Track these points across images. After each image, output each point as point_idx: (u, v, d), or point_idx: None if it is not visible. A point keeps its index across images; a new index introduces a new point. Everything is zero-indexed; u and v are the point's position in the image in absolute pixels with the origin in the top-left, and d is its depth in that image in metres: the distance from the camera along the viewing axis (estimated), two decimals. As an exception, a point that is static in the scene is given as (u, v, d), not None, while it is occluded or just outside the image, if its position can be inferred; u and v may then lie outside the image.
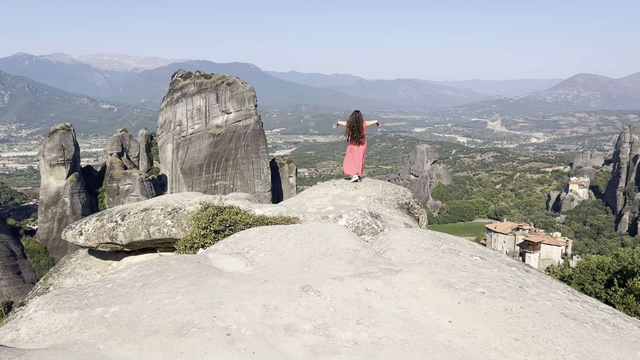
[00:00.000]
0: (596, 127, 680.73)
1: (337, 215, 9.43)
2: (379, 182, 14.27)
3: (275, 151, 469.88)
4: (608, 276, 32.84)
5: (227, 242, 8.00)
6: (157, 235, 10.61)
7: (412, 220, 11.72)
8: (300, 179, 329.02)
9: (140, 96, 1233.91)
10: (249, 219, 9.35)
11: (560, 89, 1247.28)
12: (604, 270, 33.80)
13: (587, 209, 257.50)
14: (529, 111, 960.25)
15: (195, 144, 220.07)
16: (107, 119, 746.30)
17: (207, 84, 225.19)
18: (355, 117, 15.65)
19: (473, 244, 7.28)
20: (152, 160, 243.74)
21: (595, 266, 34.57)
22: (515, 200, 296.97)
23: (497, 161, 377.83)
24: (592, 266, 34.70)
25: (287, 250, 7.09)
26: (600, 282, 32.49)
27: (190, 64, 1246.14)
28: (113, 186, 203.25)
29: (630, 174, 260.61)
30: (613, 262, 34.06)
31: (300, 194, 14.30)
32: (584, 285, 33.27)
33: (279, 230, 8.01)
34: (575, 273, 35.33)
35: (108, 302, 5.23)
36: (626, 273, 30.69)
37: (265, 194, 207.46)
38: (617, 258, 34.64)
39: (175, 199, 11.22)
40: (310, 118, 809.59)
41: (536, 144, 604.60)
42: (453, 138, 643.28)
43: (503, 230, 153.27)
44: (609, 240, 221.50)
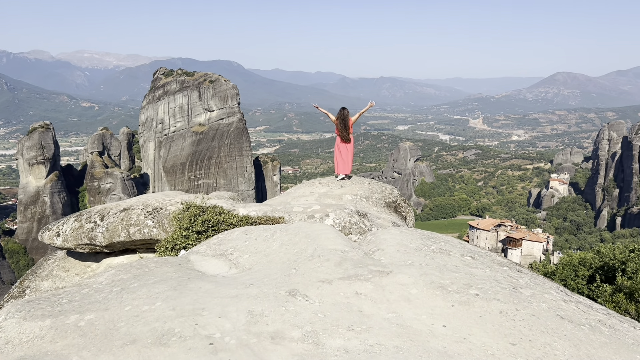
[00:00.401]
0: (576, 124, 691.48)
1: (323, 214, 9.23)
2: (366, 181, 14.06)
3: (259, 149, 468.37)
4: (590, 272, 33.20)
5: (210, 243, 7.73)
6: (137, 236, 10.29)
7: (399, 219, 11.56)
8: (284, 177, 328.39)
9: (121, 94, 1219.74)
10: (232, 219, 9.07)
11: (540, 87, 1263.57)
12: (586, 266, 34.18)
13: (567, 205, 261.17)
14: (510, 109, 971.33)
15: (177, 142, 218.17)
16: (88, 117, 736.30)
17: (189, 82, 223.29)
18: (342, 115, 15.39)
19: (463, 243, 7.12)
20: (134, 158, 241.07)
21: (578, 262, 34.95)
22: (497, 197, 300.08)
23: (479, 158, 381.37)
24: (575, 262, 35.07)
25: (273, 252, 6.85)
26: (582, 278, 32.84)
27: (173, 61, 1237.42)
28: (94, 185, 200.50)
29: (609, 171, 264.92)
30: (595, 258, 34.47)
31: (285, 192, 14.03)
32: (567, 281, 33.59)
33: (264, 230, 7.76)
34: (558, 269, 35.69)
35: (83, 308, 4.93)
36: (607, 269, 31.08)
37: (248, 192, 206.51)
38: (598, 254, 35.08)
39: (156, 199, 10.89)
40: (294, 116, 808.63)
41: (517, 142, 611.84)
42: (435, 136, 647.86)
43: (485, 227, 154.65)
44: (588, 236, 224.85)
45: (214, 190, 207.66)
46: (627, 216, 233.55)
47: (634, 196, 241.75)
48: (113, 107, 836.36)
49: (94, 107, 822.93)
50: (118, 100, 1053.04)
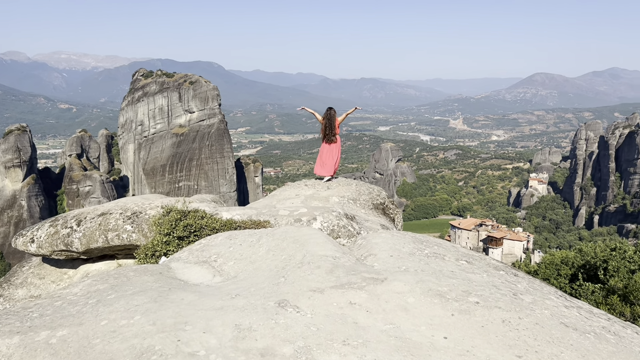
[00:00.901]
0: (554, 124, 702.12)
1: (310, 217, 8.93)
2: (353, 182, 13.79)
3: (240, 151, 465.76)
4: (572, 270, 33.48)
5: (192, 249, 7.35)
6: (116, 242, 9.87)
7: (387, 221, 11.31)
8: (266, 178, 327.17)
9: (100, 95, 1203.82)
10: (215, 224, 8.71)
11: (519, 87, 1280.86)
12: (568, 265, 34.46)
13: (546, 204, 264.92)
14: (489, 109, 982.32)
15: (157, 144, 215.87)
16: (66, 119, 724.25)
17: (169, 83, 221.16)
18: (328, 115, 15.09)
19: (456, 246, 6.91)
20: (113, 161, 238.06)
21: (560, 261, 35.23)
22: (478, 196, 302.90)
23: (459, 159, 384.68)
24: (557, 261, 35.34)
25: (259, 258, 6.53)
26: (565, 277, 33.10)
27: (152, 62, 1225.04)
28: (73, 188, 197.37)
29: (587, 170, 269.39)
30: (577, 256, 34.75)
31: (270, 195, 13.63)
32: (550, 280, 33.82)
33: (249, 235, 7.43)
34: (540, 268, 35.92)
35: (55, 323, 4.54)
36: (589, 267, 31.40)
37: (230, 194, 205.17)
38: (580, 253, 35.36)
39: (135, 202, 10.48)
40: (276, 117, 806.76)
41: (497, 142, 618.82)
42: (416, 136, 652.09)
43: (467, 226, 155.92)
44: (567, 234, 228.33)
45: (195, 192, 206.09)
46: (604, 214, 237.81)
47: (611, 194, 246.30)
48: (91, 109, 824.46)
49: (72, 109, 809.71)
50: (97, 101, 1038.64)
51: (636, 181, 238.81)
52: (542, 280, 5.93)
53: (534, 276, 29.27)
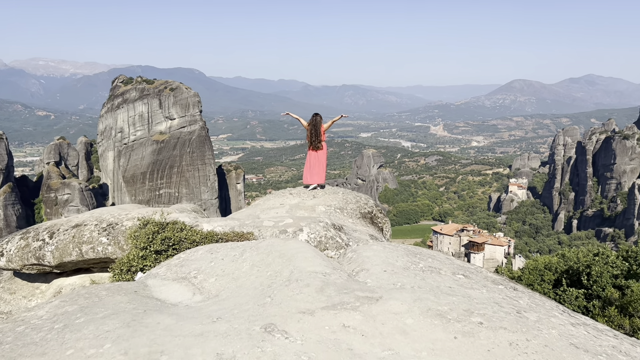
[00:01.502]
0: (532, 130, 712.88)
1: (296, 228, 8.53)
2: (339, 190, 13.41)
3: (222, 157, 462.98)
4: (556, 276, 33.57)
5: (171, 264, 6.90)
6: (90, 255, 9.35)
7: (376, 231, 10.96)
8: (248, 185, 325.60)
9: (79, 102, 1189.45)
10: (195, 236, 8.22)
11: (498, 94, 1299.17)
12: (552, 270, 34.53)
13: (526, 209, 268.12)
14: (469, 116, 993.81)
15: (137, 151, 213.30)
16: (44, 127, 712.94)
17: (149, 90, 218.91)
18: (313, 122, 14.73)
19: (450, 258, 6.59)
20: (93, 168, 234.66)
21: (543, 266, 35.32)
22: (459, 202, 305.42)
23: (440, 164, 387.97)
24: (540, 267, 35.42)
25: (243, 275, 6.09)
26: (548, 283, 33.16)
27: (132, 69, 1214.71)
28: (51, 196, 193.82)
29: (565, 175, 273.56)
30: (560, 262, 34.86)
31: (253, 204, 13.15)
32: (534, 285, 33.87)
33: (232, 249, 6.98)
34: (524, 274, 35.99)
35: (15, 353, 4.07)
36: (572, 272, 31.50)
37: (212, 202, 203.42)
38: (563, 258, 35.50)
39: (111, 213, 9.96)
40: (257, 124, 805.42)
41: (477, 147, 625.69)
42: (398, 143, 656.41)
43: (448, 231, 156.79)
44: (546, 238, 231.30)
45: (176, 199, 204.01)
46: (583, 219, 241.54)
47: (589, 199, 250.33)
48: (70, 116, 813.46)
49: (50, 116, 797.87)
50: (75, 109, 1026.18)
51: (613, 186, 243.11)
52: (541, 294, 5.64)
53: (517, 282, 29.23)
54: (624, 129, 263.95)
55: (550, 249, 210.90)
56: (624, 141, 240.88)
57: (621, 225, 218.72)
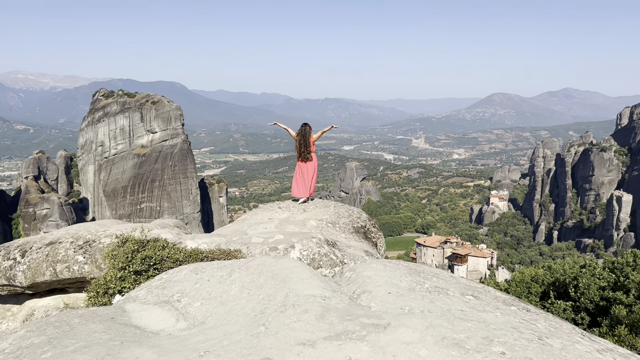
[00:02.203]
0: (512, 143, 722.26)
1: (288, 245, 7.99)
2: (330, 204, 12.88)
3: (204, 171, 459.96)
4: (543, 288, 33.49)
5: (152, 286, 6.35)
6: (65, 275, 8.72)
7: (370, 246, 10.48)
8: (231, 198, 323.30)
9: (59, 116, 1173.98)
10: (179, 255, 7.62)
11: (478, 107, 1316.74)
12: (538, 282, 34.45)
13: (507, 220, 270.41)
14: (450, 129, 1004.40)
15: (118, 165, 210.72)
16: (22, 141, 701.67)
17: (130, 103, 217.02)
18: (302, 132, 14.31)
19: (454, 276, 6.17)
20: (73, 183, 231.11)
21: (530, 279, 35.21)
22: (441, 214, 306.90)
23: (422, 177, 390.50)
24: (527, 279, 35.31)
25: (232, 298, 5.53)
26: (535, 295, 32.99)
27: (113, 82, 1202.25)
28: (29, 211, 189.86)
29: (545, 187, 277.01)
30: (546, 274, 34.82)
31: (239, 219, 12.51)
32: (520, 298, 33.84)
33: (219, 268, 6.43)
34: (511, 287, 35.83)
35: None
36: (559, 284, 31.41)
37: (194, 215, 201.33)
38: (549, 270, 35.48)
39: (88, 230, 9.36)
40: (240, 137, 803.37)
41: (458, 160, 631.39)
42: (380, 155, 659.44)
43: (432, 244, 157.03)
44: (528, 250, 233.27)
45: (157, 213, 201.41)
46: (563, 230, 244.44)
47: (569, 210, 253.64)
48: (50, 130, 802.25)
49: (29, 130, 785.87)
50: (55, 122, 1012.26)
51: (592, 197, 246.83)
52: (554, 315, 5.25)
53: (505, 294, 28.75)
54: (601, 141, 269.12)
55: (532, 260, 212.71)
56: (602, 153, 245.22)
57: (600, 236, 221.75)
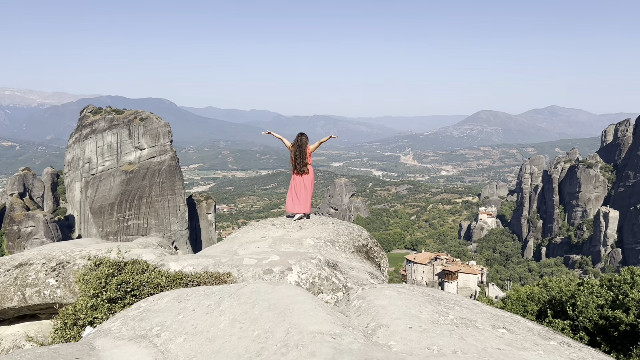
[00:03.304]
0: (499, 159, 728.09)
1: (284, 267, 7.11)
2: (329, 220, 11.98)
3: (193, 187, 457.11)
4: (539, 306, 32.91)
5: (128, 316, 5.47)
6: (36, 300, 7.84)
7: (373, 267, 9.60)
8: (220, 215, 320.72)
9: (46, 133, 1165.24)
10: (160, 279, 6.72)
11: (465, 124, 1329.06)
12: (534, 300, 33.89)
13: (496, 237, 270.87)
14: (438, 145, 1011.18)
15: (105, 182, 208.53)
16: (8, 157, 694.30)
17: (118, 120, 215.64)
18: (298, 142, 13.41)
19: (476, 303, 5.41)
20: (59, 200, 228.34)
21: (526, 297, 34.66)
22: (430, 230, 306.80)
23: (411, 193, 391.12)
24: (523, 297, 34.75)
25: (221, 334, 4.65)
26: (531, 314, 32.40)
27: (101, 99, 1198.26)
28: (13, 229, 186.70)
29: (533, 203, 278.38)
30: (542, 292, 34.30)
31: (229, 237, 11.61)
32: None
33: (206, 296, 5.56)
34: (507, 305, 35.24)
35: None
36: (555, 302, 30.80)
37: (182, 232, 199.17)
38: (545, 288, 34.96)
39: (62, 249, 8.48)
40: (229, 153, 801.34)
41: (446, 177, 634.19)
42: (369, 172, 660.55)
43: (422, 260, 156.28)
44: (517, 266, 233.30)
45: (145, 231, 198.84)
46: (551, 246, 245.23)
47: (556, 226, 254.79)
48: (36, 147, 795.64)
49: (15, 147, 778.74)
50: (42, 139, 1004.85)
51: (579, 213, 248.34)
52: (597, 350, 4.53)
53: None
54: (587, 158, 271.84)
55: (521, 276, 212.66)
56: (588, 170, 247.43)
57: (588, 252, 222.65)
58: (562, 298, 28.12)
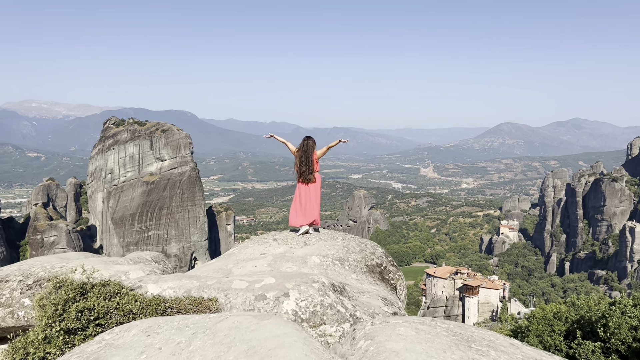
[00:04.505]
0: (521, 172, 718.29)
1: (280, 293, 6.05)
2: (338, 235, 10.64)
3: (213, 198, 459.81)
4: (566, 326, 31.25)
5: (85, 353, 4.57)
6: (9, 322, 6.87)
7: (388, 291, 8.50)
8: (239, 226, 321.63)
9: (70, 144, 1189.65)
10: (132, 305, 5.64)
11: (486, 136, 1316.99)
12: (562, 320, 32.18)
13: (518, 251, 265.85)
14: (458, 158, 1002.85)
15: (127, 193, 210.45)
16: (34, 168, 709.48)
17: (140, 131, 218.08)
18: (304, 147, 12.10)
19: (514, 343, 4.13)
20: (81, 210, 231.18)
21: (552, 316, 32.97)
22: (450, 243, 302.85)
23: (431, 206, 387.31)
24: (549, 316, 33.06)
25: None
26: (559, 334, 30.74)
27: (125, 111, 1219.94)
28: (37, 238, 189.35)
29: (555, 217, 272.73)
30: (570, 310, 32.58)
31: (227, 253, 10.34)
32: (543, 337, 31.41)
33: (178, 330, 4.66)
34: (532, 324, 33.61)
35: None
36: (584, 322, 29.17)
37: (201, 243, 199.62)
38: (573, 306, 33.22)
39: (43, 265, 7.58)
40: (249, 165, 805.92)
41: (467, 189, 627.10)
42: (388, 184, 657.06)
43: (442, 274, 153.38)
44: (539, 281, 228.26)
45: (164, 241, 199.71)
46: (575, 261, 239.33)
47: (580, 241, 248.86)
48: (61, 158, 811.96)
49: (41, 158, 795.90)
50: (67, 150, 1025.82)
51: (604, 227, 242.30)
52: None
53: (525, 333, 26.33)
54: (612, 171, 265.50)
55: (544, 291, 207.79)
56: (613, 183, 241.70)
57: (614, 268, 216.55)
58: (591, 318, 26.47)
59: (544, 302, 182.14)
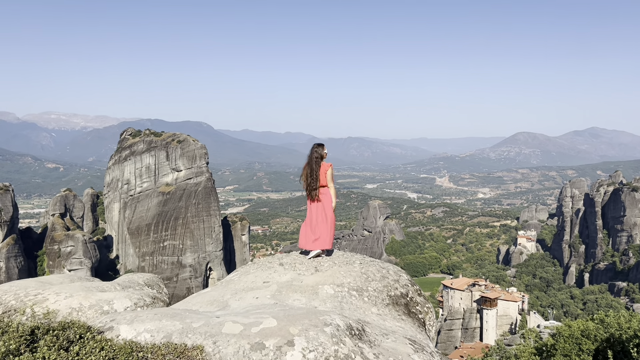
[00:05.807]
0: (538, 182, 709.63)
1: (283, 340, 4.85)
2: (355, 259, 9.10)
3: (228, 209, 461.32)
4: (595, 345, 29.78)
5: None
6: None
7: (416, 328, 7.09)
8: (254, 236, 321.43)
9: (88, 155, 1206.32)
10: (96, 355, 4.40)
11: (502, 146, 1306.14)
12: (590, 338, 30.62)
13: (536, 262, 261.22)
14: (474, 167, 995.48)
15: (143, 203, 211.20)
16: (52, 179, 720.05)
17: (157, 142, 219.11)
18: (310, 160, 10.75)
19: None
20: (98, 220, 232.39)
21: (580, 333, 31.50)
22: (467, 254, 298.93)
23: (447, 216, 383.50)
24: (576, 334, 31.45)
25: None
26: (587, 353, 29.22)
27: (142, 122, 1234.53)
28: (54, 249, 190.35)
29: (574, 227, 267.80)
30: (598, 328, 30.95)
31: (225, 280, 8.85)
32: (570, 356, 29.94)
33: None
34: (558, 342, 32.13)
35: None
36: (614, 341, 27.68)
37: (216, 254, 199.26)
38: (602, 324, 31.67)
39: (17, 292, 6.34)
40: (264, 175, 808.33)
41: (483, 199, 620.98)
42: (404, 194, 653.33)
43: (459, 286, 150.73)
44: (558, 292, 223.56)
45: (180, 251, 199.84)
46: (595, 272, 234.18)
47: (600, 252, 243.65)
48: (79, 168, 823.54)
49: (59, 168, 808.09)
50: (84, 161, 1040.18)
51: (624, 238, 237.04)
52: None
53: (551, 352, 24.84)
54: (631, 180, 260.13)
55: (563, 303, 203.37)
56: (633, 193, 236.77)
57: (635, 279, 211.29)
58: (622, 336, 25.08)
59: (564, 314, 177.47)
